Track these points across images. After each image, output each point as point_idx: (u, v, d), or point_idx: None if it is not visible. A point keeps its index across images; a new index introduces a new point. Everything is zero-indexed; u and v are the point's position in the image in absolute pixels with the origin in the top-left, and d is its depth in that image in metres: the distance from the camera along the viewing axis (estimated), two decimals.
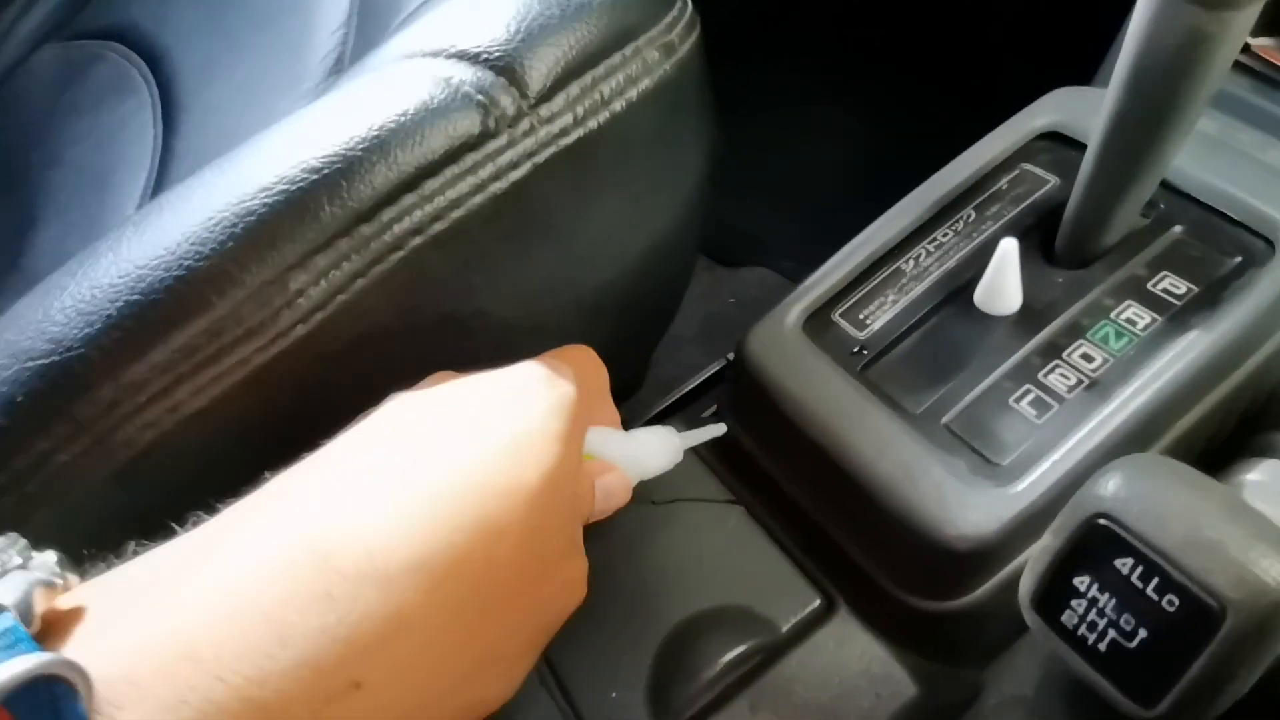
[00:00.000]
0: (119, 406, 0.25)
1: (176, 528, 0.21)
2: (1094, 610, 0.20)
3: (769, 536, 0.37)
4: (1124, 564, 0.19)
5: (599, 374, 0.31)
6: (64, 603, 0.19)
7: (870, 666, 0.33)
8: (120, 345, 0.25)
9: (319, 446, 0.26)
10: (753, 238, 0.83)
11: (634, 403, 0.65)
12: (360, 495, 0.21)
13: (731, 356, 0.68)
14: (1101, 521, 0.19)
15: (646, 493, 0.38)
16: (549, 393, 0.26)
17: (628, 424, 0.63)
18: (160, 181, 0.44)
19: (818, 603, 0.35)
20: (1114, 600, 0.19)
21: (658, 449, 0.34)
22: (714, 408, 0.65)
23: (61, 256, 0.46)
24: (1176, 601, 0.18)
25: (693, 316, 0.81)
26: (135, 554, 0.21)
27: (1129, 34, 0.27)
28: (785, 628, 0.34)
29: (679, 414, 0.68)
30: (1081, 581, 0.20)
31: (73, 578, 0.19)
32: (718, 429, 0.36)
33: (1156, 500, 0.19)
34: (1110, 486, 0.19)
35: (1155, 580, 0.18)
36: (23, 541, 0.19)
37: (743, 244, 0.83)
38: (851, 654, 0.34)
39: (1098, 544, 0.20)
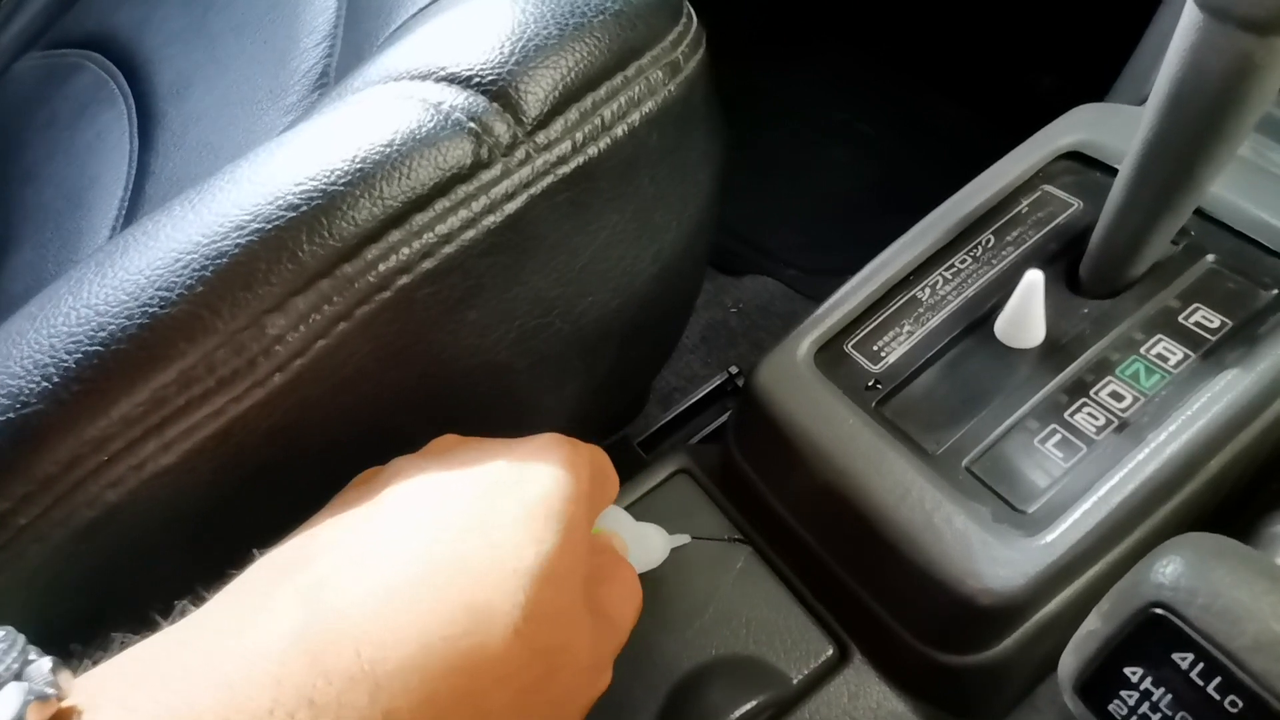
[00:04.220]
0: (80, 465, 0.23)
1: (159, 619, 0.20)
2: (1146, 703, 0.18)
3: (779, 579, 0.35)
4: (1183, 659, 0.17)
5: (611, 481, 0.29)
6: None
7: None
8: (80, 399, 0.23)
9: (297, 504, 0.24)
10: (756, 245, 0.81)
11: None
12: (353, 583, 0.20)
13: (735, 369, 0.67)
14: (1159, 611, 0.18)
15: None
16: (559, 470, 0.24)
17: (630, 439, 0.61)
18: (135, 200, 0.42)
19: (831, 651, 0.33)
20: (1170, 696, 0.17)
21: (658, 544, 0.34)
22: (723, 418, 0.64)
23: (36, 279, 0.44)
24: (1241, 704, 0.16)
25: (694, 325, 0.79)
26: (122, 646, 0.19)
27: (1169, 57, 0.25)
28: (797, 679, 0.33)
29: (683, 429, 0.66)
30: (1134, 672, 0.18)
31: (66, 683, 0.18)
32: (684, 538, 0.36)
33: (1222, 593, 0.17)
34: (1169, 573, 0.18)
35: (1218, 680, 0.17)
36: (23, 640, 0.18)
37: (745, 252, 0.81)
38: (866, 706, 0.32)
39: (1154, 635, 0.18)
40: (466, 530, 0.22)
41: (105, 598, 0.25)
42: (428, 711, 0.19)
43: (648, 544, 0.34)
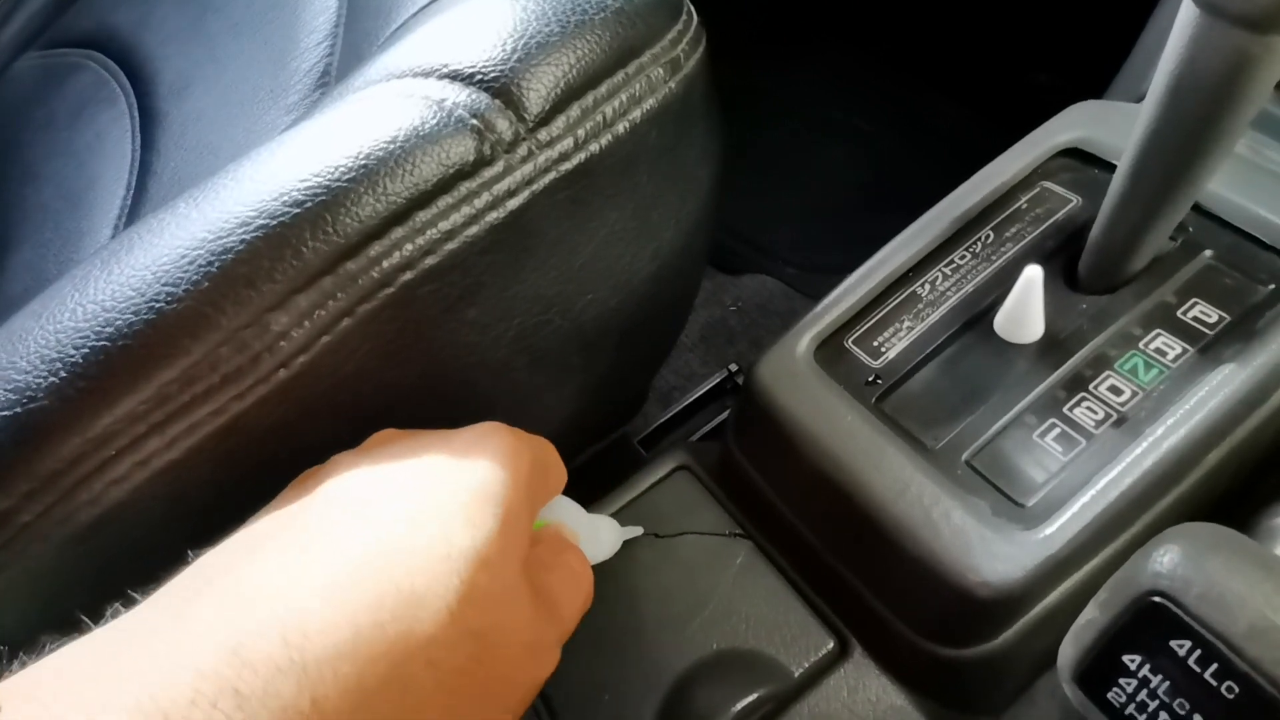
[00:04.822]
0: (84, 461, 0.23)
1: (89, 622, 0.20)
2: (1144, 691, 0.18)
3: (779, 573, 0.35)
4: (1180, 646, 0.17)
5: (556, 472, 0.29)
6: None
7: (885, 714, 0.32)
8: (85, 395, 0.23)
9: None
10: (755, 244, 0.81)
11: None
12: (279, 576, 0.20)
13: (734, 367, 0.67)
14: (1156, 600, 0.18)
15: (648, 526, 0.37)
16: (497, 457, 0.24)
17: (630, 437, 0.62)
18: (137, 200, 0.42)
19: (831, 645, 0.33)
20: (1168, 683, 0.18)
21: (609, 536, 0.34)
22: (722, 416, 0.64)
23: (36, 279, 0.44)
24: (1237, 690, 0.17)
25: (693, 324, 0.79)
26: (50, 650, 0.19)
27: (1166, 54, 0.26)
28: (797, 673, 0.33)
29: (682, 426, 0.66)
30: (1132, 660, 0.18)
31: None
32: (637, 530, 0.36)
33: (1218, 581, 0.17)
34: (1166, 562, 0.18)
35: (1215, 666, 0.17)
36: None
37: (745, 250, 0.81)
38: (866, 700, 0.32)
39: (1151, 623, 0.18)
40: (398, 520, 0.22)
41: (106, 597, 0.25)
42: (355, 697, 0.19)
43: (598, 536, 0.34)
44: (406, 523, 0.22)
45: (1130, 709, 0.19)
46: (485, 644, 0.22)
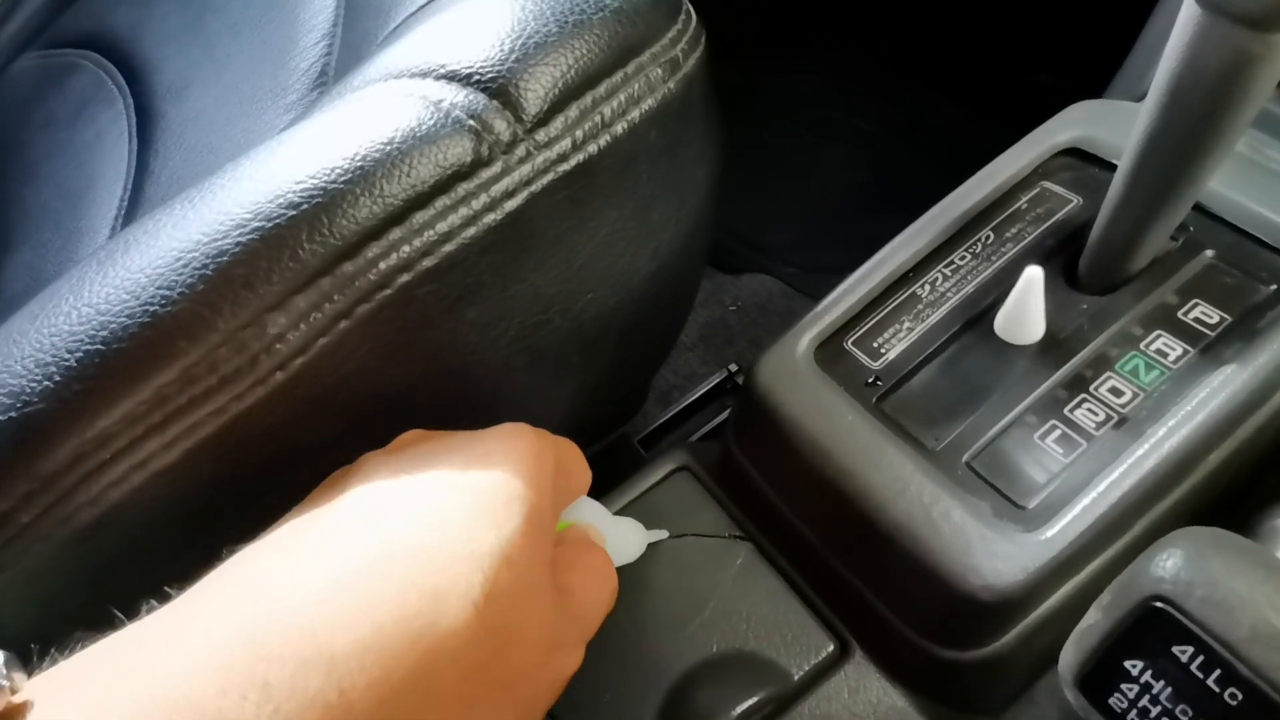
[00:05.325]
0: (83, 463, 0.23)
1: (122, 617, 0.20)
2: (1146, 697, 0.18)
3: (779, 575, 0.35)
4: (1183, 651, 0.17)
5: (580, 473, 0.30)
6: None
7: (886, 715, 0.32)
8: (82, 398, 0.23)
9: (295, 501, 0.24)
10: (754, 244, 0.81)
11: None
12: (285, 577, 0.20)
13: (734, 367, 0.67)
14: (1159, 605, 0.18)
15: (648, 526, 0.36)
16: (521, 458, 0.24)
17: (630, 437, 0.62)
18: (135, 200, 0.42)
19: (831, 647, 0.33)
20: (1170, 689, 0.18)
21: (634, 538, 0.34)
22: (722, 415, 0.64)
23: (35, 279, 0.44)
24: (1240, 696, 0.17)
25: (693, 323, 0.79)
26: (81, 646, 0.19)
27: (1167, 52, 0.26)
28: (798, 675, 0.33)
29: (682, 426, 0.66)
30: (1134, 665, 0.18)
31: (19, 677, 0.18)
32: (662, 534, 0.36)
33: (1220, 585, 0.17)
34: (1169, 566, 0.18)
35: (1217, 672, 0.17)
36: None
37: (744, 250, 0.81)
38: (866, 701, 0.32)
39: (1154, 628, 0.18)
40: (422, 520, 0.22)
41: (107, 597, 0.25)
42: (380, 691, 0.19)
43: (624, 538, 0.34)
44: (418, 525, 0.22)
45: (1132, 715, 0.19)
46: (506, 641, 0.22)
